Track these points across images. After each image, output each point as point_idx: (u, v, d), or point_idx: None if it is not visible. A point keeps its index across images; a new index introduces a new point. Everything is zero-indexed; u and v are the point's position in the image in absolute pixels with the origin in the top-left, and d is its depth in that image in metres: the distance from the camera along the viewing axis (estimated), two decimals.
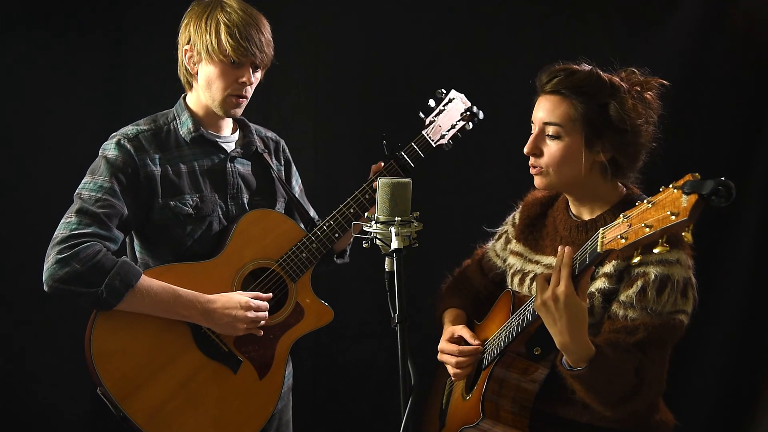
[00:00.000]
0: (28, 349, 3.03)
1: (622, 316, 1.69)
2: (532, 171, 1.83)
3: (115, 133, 2.04)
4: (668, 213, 1.25)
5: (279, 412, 2.25)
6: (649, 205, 1.32)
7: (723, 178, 1.18)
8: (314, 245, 2.15)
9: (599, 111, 1.75)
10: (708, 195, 1.19)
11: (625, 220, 1.39)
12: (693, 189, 1.21)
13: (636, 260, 1.37)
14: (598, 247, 1.48)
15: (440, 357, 1.99)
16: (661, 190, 1.31)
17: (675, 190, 1.26)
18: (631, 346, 1.66)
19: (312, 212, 2.34)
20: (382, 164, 2.22)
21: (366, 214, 2.15)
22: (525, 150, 1.82)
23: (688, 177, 1.23)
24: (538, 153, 1.80)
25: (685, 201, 1.22)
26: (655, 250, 1.30)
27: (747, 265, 3.18)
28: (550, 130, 1.78)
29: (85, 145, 2.20)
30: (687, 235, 1.24)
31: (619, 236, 1.39)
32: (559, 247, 1.61)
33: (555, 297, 1.57)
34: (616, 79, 1.78)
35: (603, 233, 1.48)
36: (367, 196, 2.17)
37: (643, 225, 1.32)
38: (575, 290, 1.59)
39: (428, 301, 2.24)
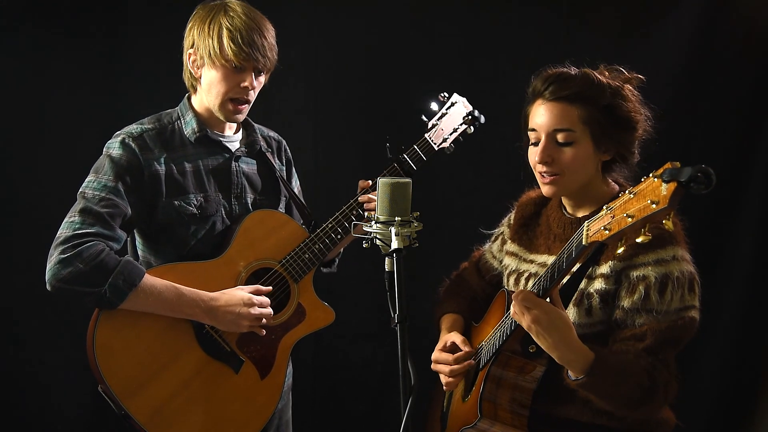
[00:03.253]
0: (29, 348, 3.03)
1: (629, 324, 1.70)
2: (545, 180, 1.80)
3: (119, 132, 2.04)
4: (649, 202, 1.26)
5: (279, 411, 2.25)
6: (631, 196, 1.33)
7: (702, 165, 1.18)
8: (317, 246, 2.15)
9: (605, 112, 1.76)
10: (687, 182, 1.19)
11: (609, 211, 1.40)
12: (672, 177, 1.21)
13: (620, 250, 1.38)
14: (583, 240, 1.49)
15: (434, 367, 1.99)
16: (642, 180, 1.32)
17: (655, 179, 1.27)
18: (641, 352, 1.66)
19: (308, 213, 2.34)
20: (384, 173, 2.22)
21: (366, 214, 2.16)
22: (537, 159, 1.79)
23: (667, 165, 1.24)
24: (550, 161, 1.78)
25: (665, 189, 1.23)
26: (638, 240, 1.31)
27: (747, 265, 3.18)
28: (562, 136, 1.76)
29: (87, 143, 2.21)
30: (667, 223, 1.25)
31: (602, 228, 1.40)
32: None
33: (536, 318, 1.59)
34: (606, 78, 1.79)
35: (587, 226, 1.48)
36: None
37: (625, 215, 1.33)
38: (550, 300, 1.63)
39: (430, 303, 2.25)
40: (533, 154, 1.81)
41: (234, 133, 2.18)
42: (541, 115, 1.79)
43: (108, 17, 3.01)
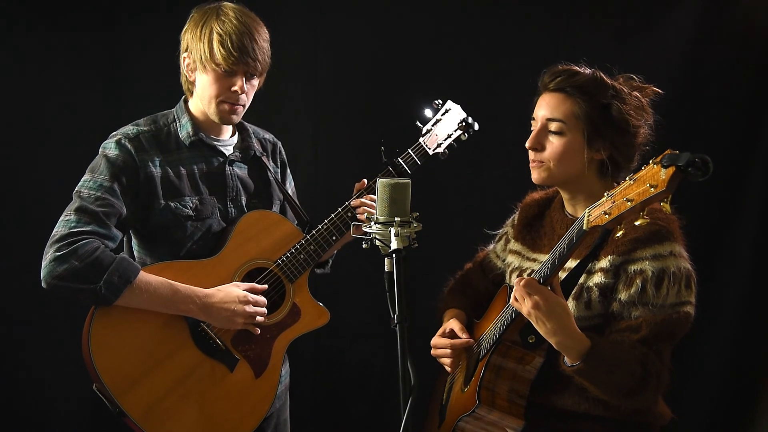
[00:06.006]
0: (28, 347, 3.03)
1: (625, 316, 1.73)
2: (533, 166, 1.87)
3: (115, 132, 2.05)
4: (648, 186, 1.33)
5: (276, 411, 2.25)
6: (631, 182, 1.40)
7: (700, 153, 1.24)
8: (312, 247, 2.16)
9: (602, 111, 1.80)
10: (684, 167, 1.25)
11: (609, 197, 1.46)
12: (670, 162, 1.28)
13: (619, 234, 1.45)
14: (584, 225, 1.54)
15: (433, 352, 2.04)
16: (642, 168, 1.38)
17: (654, 166, 1.33)
18: (635, 343, 1.70)
19: (303, 215, 2.34)
20: (365, 182, 2.23)
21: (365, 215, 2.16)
22: (527, 144, 1.86)
23: (667, 152, 1.30)
24: (539, 148, 1.84)
25: (663, 174, 1.29)
26: (637, 222, 1.37)
27: (747, 265, 3.17)
28: (553, 126, 1.82)
29: (85, 143, 2.20)
30: (665, 206, 1.32)
31: (603, 212, 1.47)
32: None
33: (536, 304, 1.63)
34: (617, 83, 1.83)
35: (589, 212, 1.54)
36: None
37: (624, 199, 1.39)
38: (550, 287, 1.67)
39: (429, 303, 2.25)
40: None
41: (229, 137, 2.19)
42: (539, 106, 1.86)
43: (107, 18, 3.01)
